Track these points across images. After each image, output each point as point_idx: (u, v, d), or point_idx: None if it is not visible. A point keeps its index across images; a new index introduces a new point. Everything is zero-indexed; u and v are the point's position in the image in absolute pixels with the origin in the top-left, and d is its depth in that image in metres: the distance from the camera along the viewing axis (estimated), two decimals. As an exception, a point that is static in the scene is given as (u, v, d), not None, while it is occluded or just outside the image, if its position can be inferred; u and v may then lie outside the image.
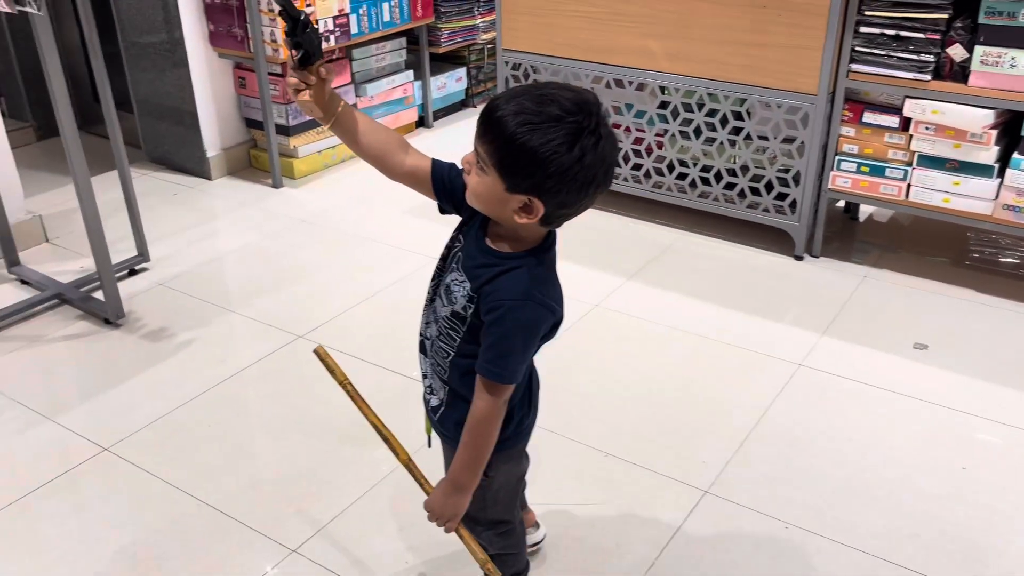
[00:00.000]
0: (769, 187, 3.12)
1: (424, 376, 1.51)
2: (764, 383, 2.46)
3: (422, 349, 1.50)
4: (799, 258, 3.13)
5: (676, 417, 2.34)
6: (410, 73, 4.28)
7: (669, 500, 2.05)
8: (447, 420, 1.48)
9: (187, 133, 3.88)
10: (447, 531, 1.45)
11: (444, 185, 1.41)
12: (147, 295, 2.96)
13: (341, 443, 2.23)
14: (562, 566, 1.88)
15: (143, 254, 3.11)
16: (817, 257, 3.14)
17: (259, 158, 3.98)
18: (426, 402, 1.53)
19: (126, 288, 2.98)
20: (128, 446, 2.24)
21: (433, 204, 1.45)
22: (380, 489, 2.08)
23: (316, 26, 1.25)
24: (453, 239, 1.43)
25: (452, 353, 1.40)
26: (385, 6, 3.96)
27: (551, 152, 1.17)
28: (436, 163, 1.43)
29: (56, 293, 2.90)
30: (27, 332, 2.76)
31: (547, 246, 1.35)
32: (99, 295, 2.79)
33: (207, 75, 3.78)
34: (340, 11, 3.74)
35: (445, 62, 4.64)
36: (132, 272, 3.10)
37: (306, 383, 2.51)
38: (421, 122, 4.51)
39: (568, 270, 3.05)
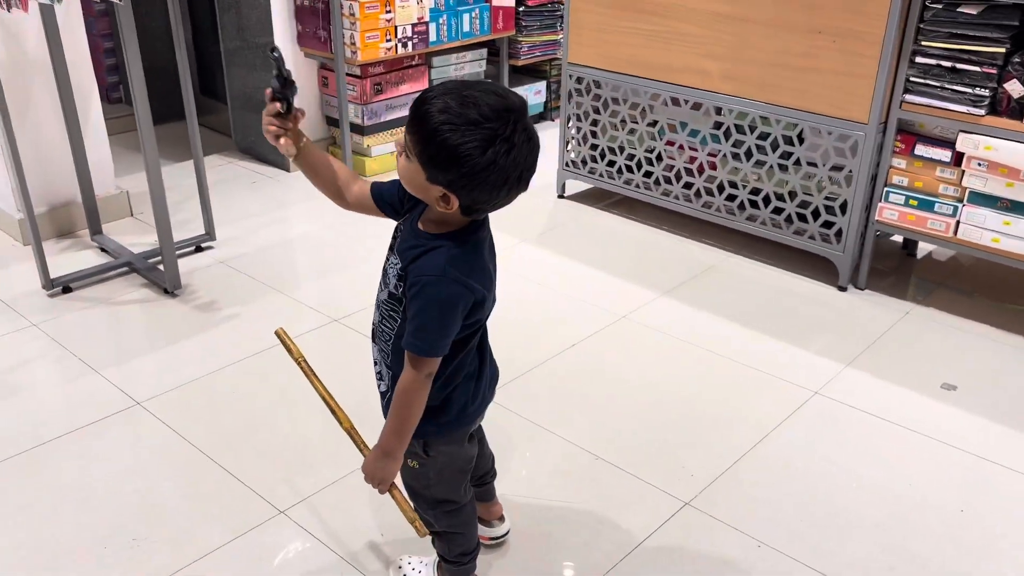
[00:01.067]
0: (816, 214, 3.08)
1: (375, 363, 1.59)
2: (773, 406, 2.45)
3: (373, 338, 1.57)
4: (842, 288, 3.07)
5: (674, 429, 2.35)
6: (488, 83, 4.41)
7: (647, 507, 2.07)
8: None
9: (271, 126, 4.12)
10: (380, 492, 1.53)
11: (384, 199, 1.53)
12: (207, 271, 3.18)
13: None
14: (523, 557, 1.93)
15: (210, 233, 3.34)
16: (862, 289, 3.08)
17: (336, 155, 4.18)
18: (378, 388, 1.61)
19: (189, 263, 3.21)
20: (158, 403, 2.42)
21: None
22: (373, 466, 2.18)
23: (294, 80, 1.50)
24: (396, 228, 1.52)
25: (392, 336, 1.48)
26: (466, 17, 4.10)
27: (464, 154, 1.24)
28: (374, 184, 1.55)
29: (127, 262, 3.15)
30: (96, 294, 3.01)
31: (471, 230, 1.42)
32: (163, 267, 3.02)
33: (293, 73, 3.99)
34: (420, 19, 3.91)
35: (526, 75, 4.75)
36: (198, 249, 3.33)
37: (330, 364, 2.65)
38: (496, 131, 4.62)
39: (603, 280, 3.15)
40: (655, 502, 2.09)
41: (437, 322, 1.38)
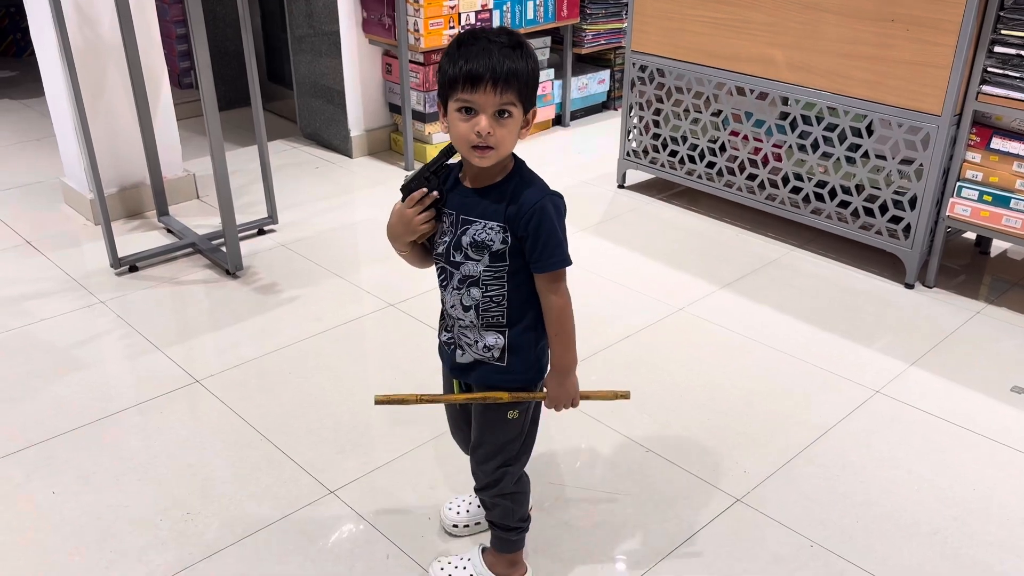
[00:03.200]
0: (884, 209, 2.99)
1: (459, 349, 1.59)
2: (832, 404, 2.38)
3: (464, 317, 1.56)
4: (909, 286, 2.98)
5: (730, 425, 2.31)
6: (551, 72, 4.39)
7: (698, 502, 2.04)
8: (513, 365, 1.56)
9: (335, 113, 4.18)
10: (575, 406, 1.61)
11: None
12: (268, 253, 3.23)
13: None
14: (571, 549, 1.92)
15: (272, 216, 3.39)
16: (931, 287, 2.97)
17: (398, 141, 4.21)
18: (459, 368, 1.61)
19: (252, 245, 3.27)
20: (216, 381, 2.48)
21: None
22: (422, 450, 2.19)
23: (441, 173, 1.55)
24: (441, 215, 1.53)
25: (507, 291, 1.51)
26: (530, 4, 4.09)
27: (536, 64, 1.43)
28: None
29: (191, 243, 3.22)
30: (161, 273, 3.08)
31: (512, 158, 1.51)
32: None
33: (357, 60, 4.05)
34: (483, 6, 3.90)
35: (590, 63, 4.71)
36: (261, 232, 3.39)
37: (385, 347, 2.68)
38: (558, 120, 4.61)
39: (662, 272, 3.11)
40: (706, 497, 2.05)
41: (561, 234, 1.47)
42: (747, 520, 1.99)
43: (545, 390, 1.60)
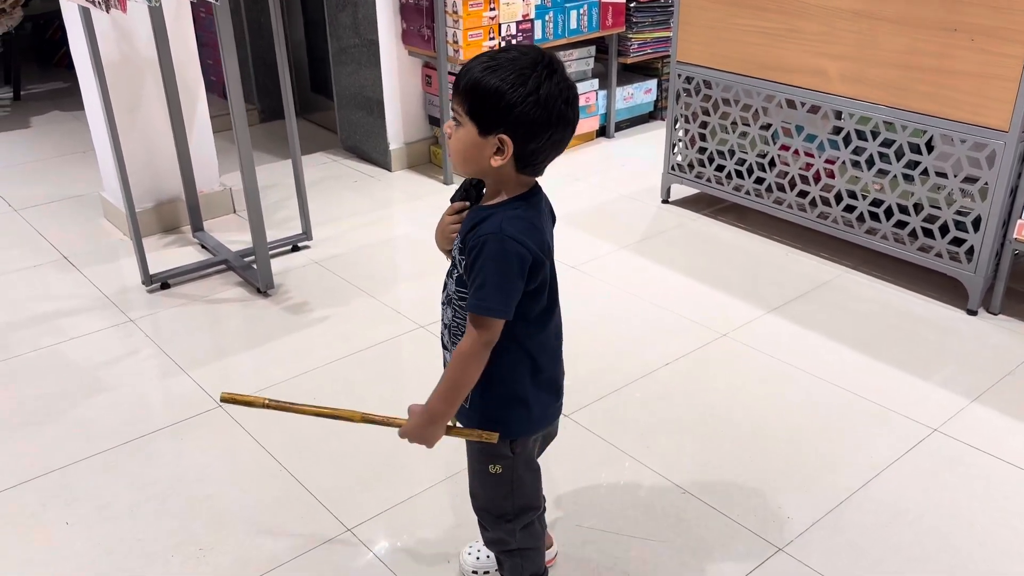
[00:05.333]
0: (944, 230, 2.81)
1: (444, 366, 1.52)
2: (886, 444, 2.22)
3: (444, 343, 1.53)
4: (972, 312, 2.79)
5: (773, 465, 2.16)
6: (595, 82, 4.27)
7: (737, 551, 1.90)
8: (474, 405, 1.49)
9: (375, 125, 4.12)
10: (428, 448, 1.48)
11: None
12: (301, 271, 3.17)
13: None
14: (599, 596, 1.80)
15: (306, 233, 3.33)
16: (995, 314, 2.78)
17: (437, 154, 4.13)
18: None
19: (284, 263, 3.22)
20: (239, 407, 2.41)
21: (581, 219, 1.46)
22: (447, 485, 2.10)
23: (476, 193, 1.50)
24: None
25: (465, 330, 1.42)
26: (573, 13, 3.97)
27: (509, 85, 1.26)
28: None
29: (224, 260, 3.18)
30: (192, 291, 3.04)
31: (526, 195, 1.39)
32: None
33: (396, 72, 3.98)
34: (525, 16, 3.80)
35: (636, 72, 4.58)
36: (295, 248, 3.33)
37: (413, 371, 2.59)
38: (602, 132, 4.48)
39: (706, 294, 2.97)
40: (745, 545, 1.92)
41: (496, 278, 1.32)
42: (790, 572, 1.85)
43: (407, 417, 1.46)
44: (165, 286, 3.06)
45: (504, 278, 1.33)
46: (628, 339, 2.72)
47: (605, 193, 3.83)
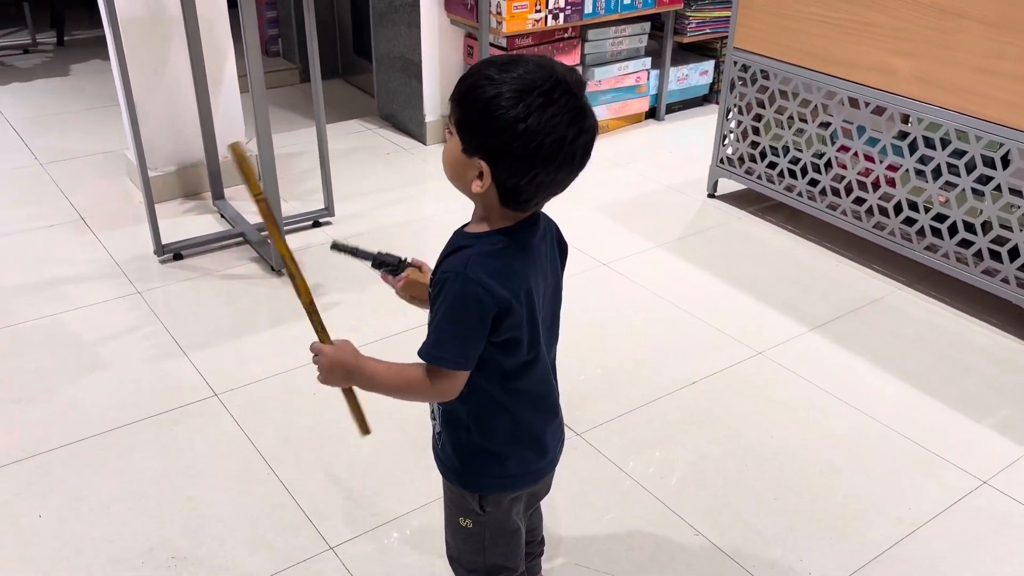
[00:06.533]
0: (1014, 254, 2.55)
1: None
2: (928, 493, 2.01)
3: None
4: (1037, 346, 2.54)
5: (800, 507, 1.97)
6: (647, 60, 4.02)
7: (749, 609, 1.73)
8: (444, 447, 1.35)
9: (412, 95, 3.94)
10: (319, 379, 1.30)
11: None
12: (319, 249, 3.03)
13: (425, 446, 2.12)
14: (590, 651, 1.65)
15: (328, 208, 3.18)
16: (1064, 350, 2.53)
17: (475, 129, 3.94)
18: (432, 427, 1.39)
19: (303, 239, 3.08)
20: (235, 396, 2.29)
21: (617, 210, 1.26)
22: (438, 505, 1.94)
23: (391, 254, 1.43)
24: None
25: None
26: (628, -13, 3.72)
27: (496, 106, 1.07)
28: None
29: (240, 232, 3.05)
30: (204, 264, 2.92)
31: (516, 229, 1.19)
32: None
33: (437, 40, 3.78)
34: (575, -11, 3.57)
35: (693, 52, 4.32)
36: (316, 224, 3.19)
37: (422, 371, 2.44)
38: (652, 113, 4.24)
39: (744, 303, 2.76)
40: (758, 604, 1.74)
41: (448, 325, 1.16)
42: (805, 640, 1.67)
43: (332, 345, 1.28)
44: (178, 257, 2.94)
45: (459, 325, 1.15)
46: (653, 351, 2.53)
47: (647, 182, 3.61)
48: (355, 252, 1.41)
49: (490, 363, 1.21)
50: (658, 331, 2.63)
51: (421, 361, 1.20)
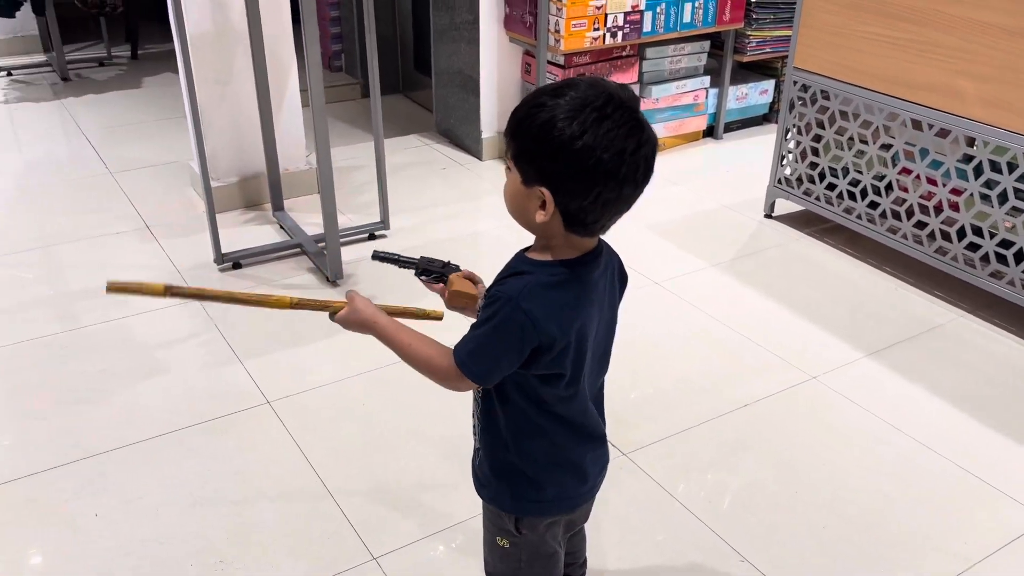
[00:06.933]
0: (1084, 283, 2.47)
1: (472, 414, 1.38)
2: (986, 529, 1.95)
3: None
4: (1108, 380, 2.45)
5: (851, 538, 1.92)
6: (706, 79, 4.00)
7: (794, 639, 1.69)
8: (482, 464, 1.35)
9: (469, 110, 3.97)
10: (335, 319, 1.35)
11: None
12: (373, 262, 3.06)
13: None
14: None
15: (384, 221, 3.23)
16: None
17: (532, 145, 3.95)
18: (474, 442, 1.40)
19: (358, 251, 3.12)
20: (287, 405, 2.33)
21: (672, 229, 1.23)
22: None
23: (435, 259, 1.46)
24: None
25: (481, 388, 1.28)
26: (688, 6, 3.71)
27: (551, 128, 1.06)
28: None
29: (298, 243, 3.11)
30: (262, 273, 2.99)
31: (579, 263, 1.18)
32: (327, 253, 2.94)
33: (495, 58, 3.82)
34: (634, 7, 3.57)
35: (753, 71, 4.28)
36: (371, 236, 3.23)
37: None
38: (710, 132, 4.21)
39: (799, 326, 2.72)
40: (804, 635, 1.70)
41: (487, 341, 1.16)
42: (852, 674, 1.63)
43: (347, 298, 1.34)
44: (237, 265, 3.01)
45: (497, 346, 1.15)
46: (705, 372, 2.50)
47: (703, 201, 3.58)
48: (397, 261, 1.43)
49: (526, 387, 1.21)
50: (710, 352, 2.60)
51: (449, 350, 1.21)
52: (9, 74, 5.12)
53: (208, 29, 3.13)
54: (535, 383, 1.21)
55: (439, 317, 1.48)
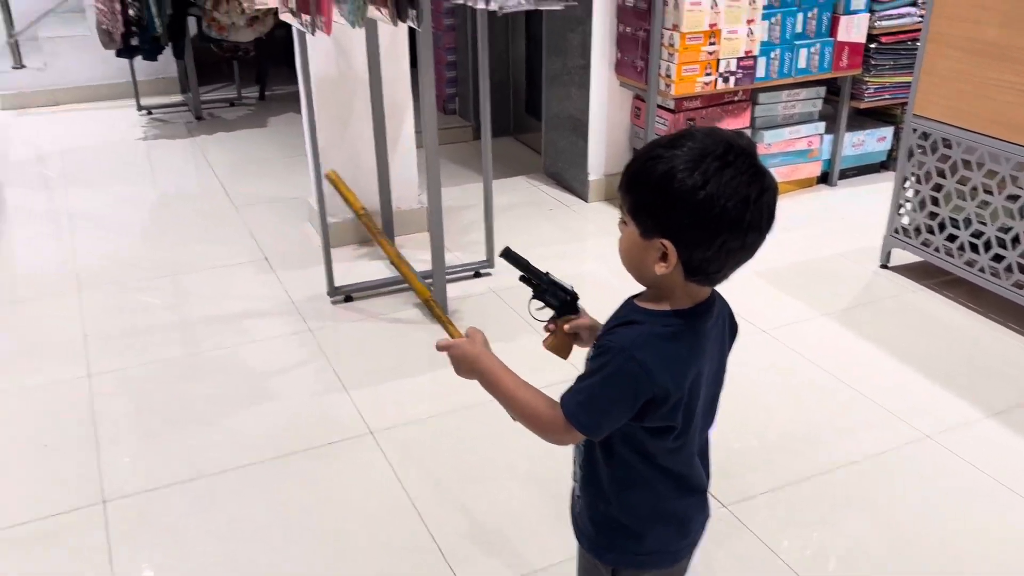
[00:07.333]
0: None
1: (573, 460, 1.36)
2: (1119, 610, 1.81)
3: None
4: None
5: (964, 610, 1.82)
6: (820, 125, 3.92)
7: None
8: (582, 513, 1.33)
9: (578, 153, 4.01)
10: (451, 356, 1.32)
11: None
12: (477, 299, 3.12)
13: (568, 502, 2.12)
14: None
15: (489, 260, 3.28)
16: None
17: (639, 188, 3.96)
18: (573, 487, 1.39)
19: (464, 288, 3.18)
20: (388, 436, 2.38)
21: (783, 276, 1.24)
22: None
23: (560, 285, 1.44)
24: None
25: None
26: (803, 52, 3.66)
27: (671, 179, 1.06)
28: None
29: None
30: (372, 307, 3.08)
31: (692, 314, 1.16)
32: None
33: (605, 101, 3.85)
34: (747, 52, 3.54)
35: (870, 117, 4.17)
36: (477, 275, 3.29)
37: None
38: (824, 178, 4.12)
39: (915, 382, 2.62)
40: None
41: (599, 392, 1.14)
42: None
43: (467, 333, 1.32)
44: (348, 299, 3.12)
45: (608, 398, 1.13)
46: (813, 424, 2.42)
47: (816, 249, 3.49)
48: (526, 267, 1.41)
49: (634, 439, 1.19)
50: (819, 404, 2.52)
51: (555, 402, 1.20)
52: (149, 112, 5.49)
53: (331, 73, 3.28)
54: (643, 435, 1.19)
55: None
